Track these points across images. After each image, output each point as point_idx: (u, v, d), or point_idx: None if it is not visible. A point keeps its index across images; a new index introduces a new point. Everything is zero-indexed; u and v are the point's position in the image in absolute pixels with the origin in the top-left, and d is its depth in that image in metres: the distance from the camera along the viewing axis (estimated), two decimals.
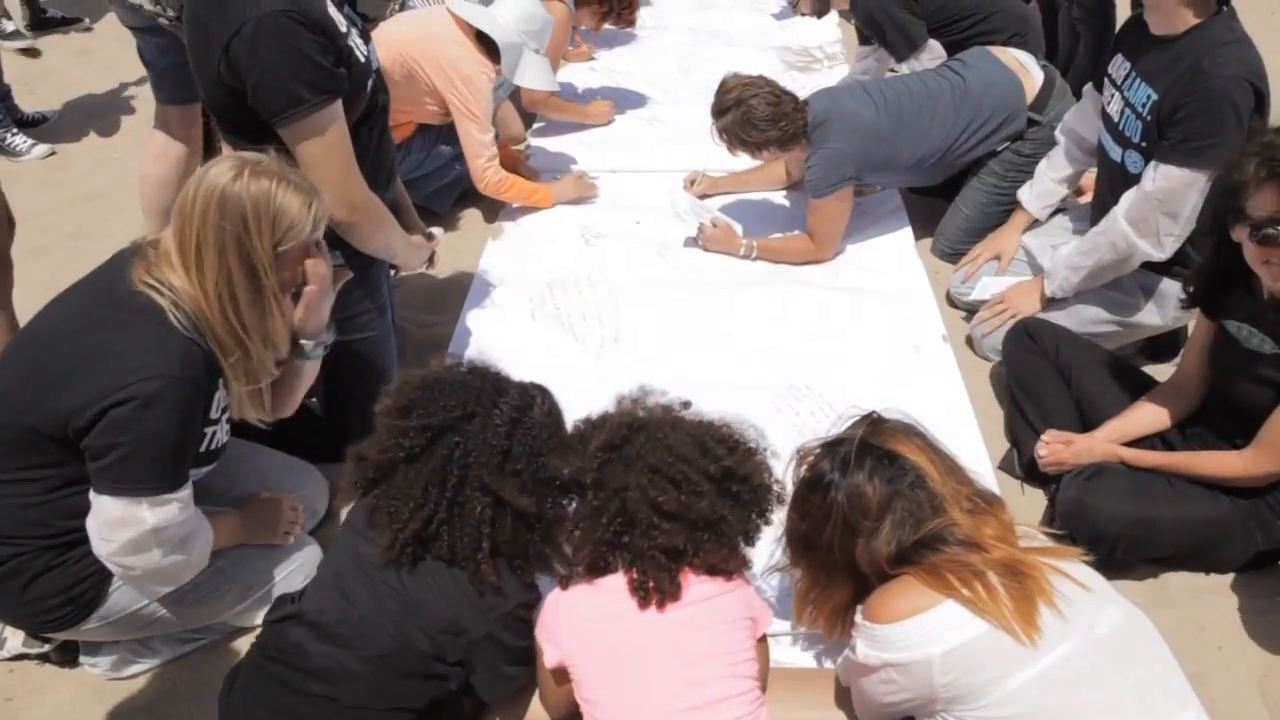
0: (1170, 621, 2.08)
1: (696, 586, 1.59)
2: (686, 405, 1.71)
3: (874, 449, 1.58)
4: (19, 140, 4.12)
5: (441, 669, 1.63)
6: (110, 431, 1.68)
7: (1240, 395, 2.12)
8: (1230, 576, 2.23)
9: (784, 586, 2.06)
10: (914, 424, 1.67)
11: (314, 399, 2.52)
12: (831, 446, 1.64)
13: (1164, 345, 2.93)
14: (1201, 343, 2.22)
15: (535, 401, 1.71)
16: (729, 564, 1.62)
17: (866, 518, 1.55)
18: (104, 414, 1.67)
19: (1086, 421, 2.42)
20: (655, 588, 1.56)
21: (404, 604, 1.61)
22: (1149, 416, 2.29)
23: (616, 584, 1.59)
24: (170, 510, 1.74)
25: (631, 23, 4.26)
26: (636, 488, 1.58)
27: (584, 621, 1.61)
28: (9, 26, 5.08)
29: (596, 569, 1.62)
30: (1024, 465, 2.48)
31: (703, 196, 3.68)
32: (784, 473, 1.71)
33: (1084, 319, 2.73)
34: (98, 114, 4.46)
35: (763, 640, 1.70)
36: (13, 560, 1.81)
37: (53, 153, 4.14)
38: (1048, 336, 2.58)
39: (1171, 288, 2.63)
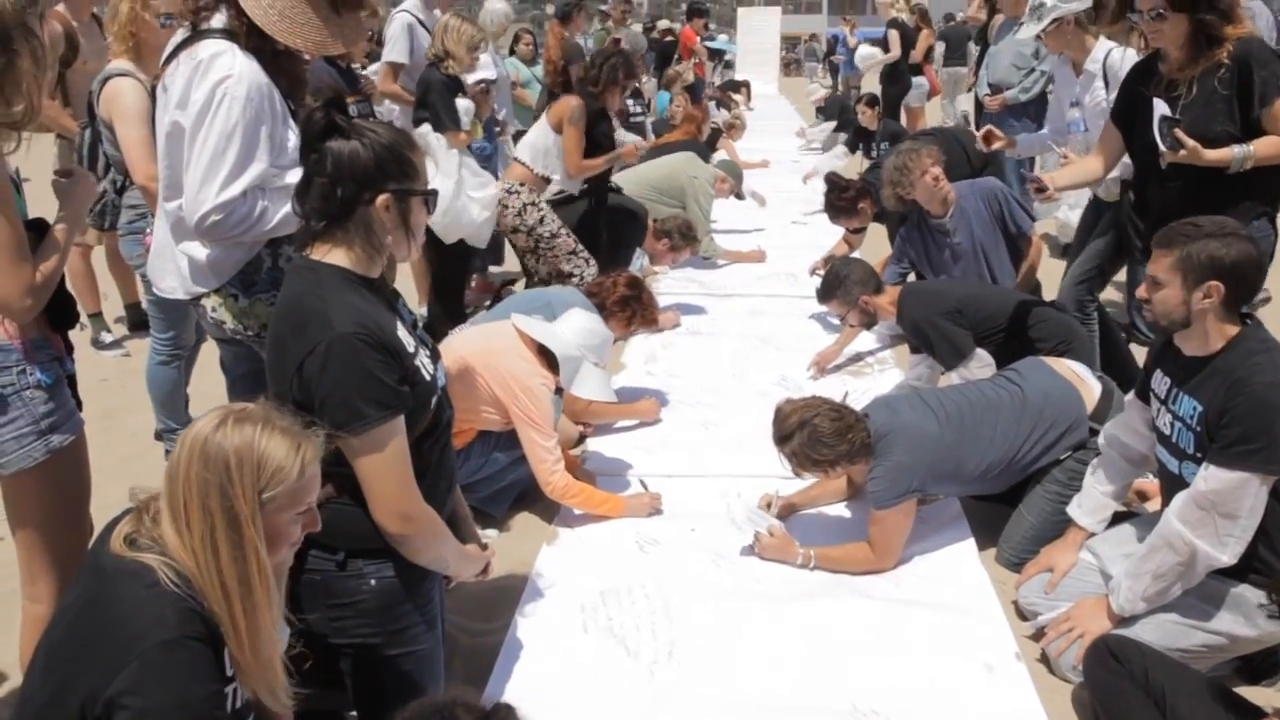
0: None
1: None
2: None
3: None
4: None
5: None
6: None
7: None
8: None
9: None
10: None
11: (353, 712, 2.40)
12: None
13: (1263, 665, 2.72)
14: None
15: None
16: None
17: None
18: (112, 705, 1.56)
19: None
20: None
21: None
22: None
23: None
24: None
25: (654, 321, 4.35)
26: None
27: None
28: (107, 339, 5.54)
29: None
30: None
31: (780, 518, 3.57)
32: None
33: (1167, 634, 2.55)
34: None
35: None
36: None
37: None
38: (1134, 656, 2.39)
39: (1256, 596, 2.48)
